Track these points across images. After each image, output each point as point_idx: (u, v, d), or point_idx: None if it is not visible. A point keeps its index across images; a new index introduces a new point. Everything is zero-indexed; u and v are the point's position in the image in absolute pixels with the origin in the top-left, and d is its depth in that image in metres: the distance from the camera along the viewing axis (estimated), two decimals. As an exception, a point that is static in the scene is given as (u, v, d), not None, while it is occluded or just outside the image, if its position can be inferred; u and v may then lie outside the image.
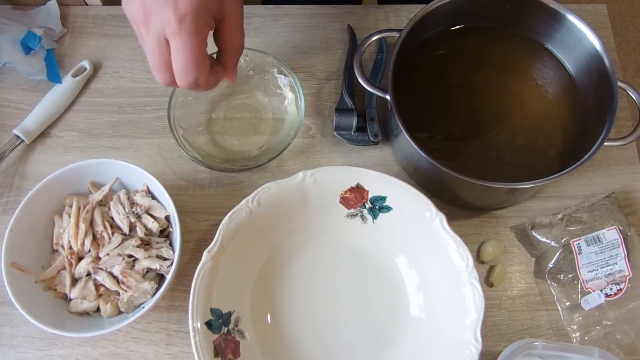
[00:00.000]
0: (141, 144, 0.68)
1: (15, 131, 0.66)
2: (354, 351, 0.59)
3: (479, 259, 0.63)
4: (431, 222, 0.57)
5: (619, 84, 0.59)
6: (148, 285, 0.57)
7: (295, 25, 0.74)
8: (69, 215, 0.59)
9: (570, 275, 0.61)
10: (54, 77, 0.69)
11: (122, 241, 0.58)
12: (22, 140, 0.66)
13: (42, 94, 0.69)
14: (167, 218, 0.60)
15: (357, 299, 0.61)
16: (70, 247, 0.58)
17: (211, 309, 0.56)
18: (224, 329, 0.56)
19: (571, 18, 0.61)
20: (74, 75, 0.69)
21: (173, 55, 0.47)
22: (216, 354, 0.55)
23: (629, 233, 0.61)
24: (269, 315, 0.60)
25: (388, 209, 0.60)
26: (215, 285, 0.56)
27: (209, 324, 0.55)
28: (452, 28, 0.67)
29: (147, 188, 0.61)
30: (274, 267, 0.61)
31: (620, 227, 0.61)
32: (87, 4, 0.75)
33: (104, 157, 0.65)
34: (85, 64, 0.70)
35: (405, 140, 0.58)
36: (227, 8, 0.49)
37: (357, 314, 0.60)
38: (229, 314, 0.57)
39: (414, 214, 0.59)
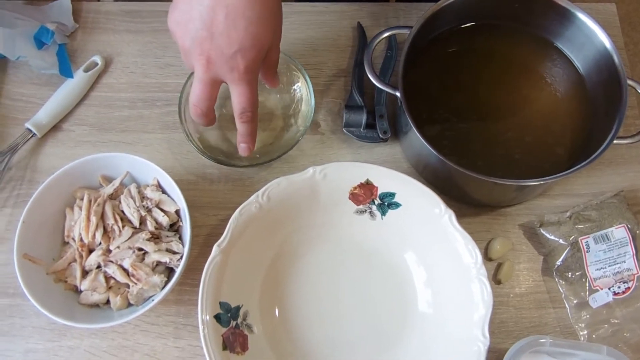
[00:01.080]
0: (151, 138, 0.69)
1: (27, 125, 0.67)
2: (362, 346, 0.59)
3: (487, 257, 0.64)
4: (440, 219, 0.58)
5: (629, 82, 0.59)
6: (157, 279, 0.57)
7: (305, 22, 0.74)
8: (80, 208, 0.59)
9: (578, 273, 0.61)
10: (66, 71, 0.69)
11: (133, 234, 0.59)
12: (34, 133, 0.67)
13: (54, 88, 0.69)
14: (177, 212, 0.61)
15: (366, 294, 0.61)
16: (81, 240, 0.59)
17: (220, 303, 0.56)
18: (233, 323, 0.57)
19: (581, 16, 0.61)
20: (86, 70, 0.70)
21: (234, 98, 0.53)
22: (224, 347, 0.55)
23: (637, 231, 0.61)
24: (277, 310, 0.60)
25: (397, 205, 0.61)
26: (225, 279, 0.57)
27: (217, 318, 0.56)
28: (462, 26, 0.67)
29: (158, 182, 0.61)
30: (283, 262, 0.62)
31: (629, 225, 0.61)
32: (99, 0, 0.75)
33: (114, 151, 0.66)
34: (97, 59, 0.71)
35: (414, 137, 0.58)
36: (273, 41, 0.54)
37: (365, 309, 0.61)
38: (238, 308, 0.58)
39: (422, 210, 0.59)
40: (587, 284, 0.60)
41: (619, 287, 0.60)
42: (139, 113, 0.70)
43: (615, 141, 0.57)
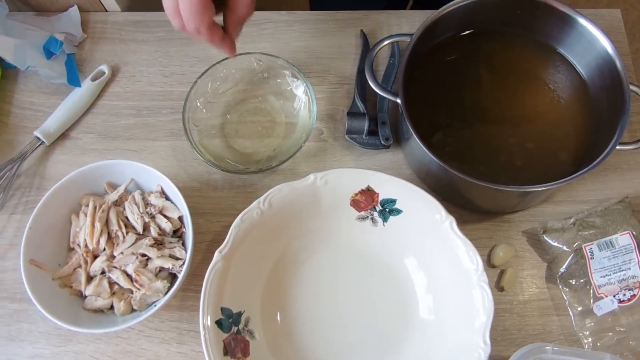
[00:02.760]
0: (157, 146, 0.70)
1: (36, 133, 0.68)
2: (362, 352, 0.59)
3: (489, 263, 0.63)
4: (441, 225, 0.58)
5: (631, 87, 0.58)
6: (160, 284, 0.58)
7: (308, 30, 0.75)
8: (86, 215, 0.60)
9: (582, 280, 0.60)
10: (74, 80, 0.71)
11: (136, 240, 0.59)
12: (43, 141, 0.68)
13: (62, 97, 0.71)
14: (180, 218, 0.62)
15: (367, 300, 0.61)
16: (86, 246, 0.60)
17: (222, 308, 0.57)
18: (234, 329, 0.57)
19: (582, 22, 0.61)
20: (93, 79, 0.71)
21: (180, 3, 0.50)
22: (225, 353, 0.55)
23: (642, 238, 0.61)
24: (278, 316, 0.61)
25: (398, 211, 0.61)
26: (226, 285, 0.57)
27: (219, 323, 0.56)
28: (464, 33, 0.67)
29: (162, 189, 0.62)
30: (284, 268, 0.62)
31: (634, 232, 0.60)
32: (106, 11, 0.77)
33: (120, 158, 0.67)
34: (104, 68, 0.72)
35: (416, 144, 0.58)
36: None
37: (366, 316, 0.61)
38: (239, 314, 0.58)
39: (424, 216, 0.59)
40: (591, 292, 0.60)
41: (624, 295, 0.59)
42: (144, 121, 0.71)
43: (618, 147, 0.57)
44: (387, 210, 0.61)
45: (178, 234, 0.62)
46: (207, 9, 0.50)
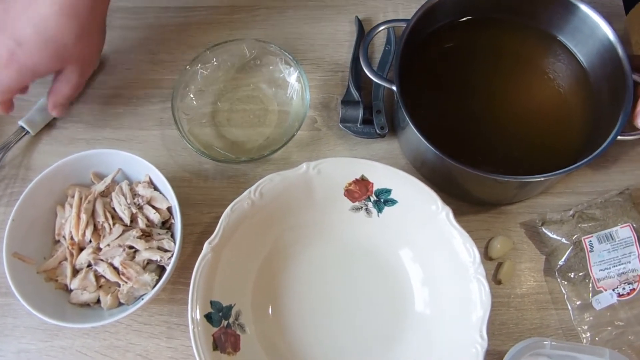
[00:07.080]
0: (146, 135, 0.68)
1: (21, 122, 0.66)
2: (356, 346, 0.58)
3: (487, 256, 0.62)
4: (437, 216, 0.56)
5: (634, 76, 0.57)
6: (148, 277, 0.57)
7: (302, 17, 0.73)
8: (71, 206, 0.59)
9: (581, 274, 0.59)
10: (61, 68, 0.69)
11: (123, 232, 0.58)
12: (28, 131, 0.66)
13: (48, 86, 0.68)
14: (169, 209, 0.60)
15: (361, 293, 0.60)
16: (72, 238, 0.58)
17: (211, 302, 0.55)
18: (224, 323, 0.56)
19: (584, 8, 0.59)
20: (80, 67, 0.69)
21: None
22: (215, 347, 0.54)
23: (643, 230, 0.59)
24: (270, 310, 0.59)
25: (393, 202, 0.59)
26: (216, 277, 0.56)
27: (208, 317, 0.54)
28: (462, 19, 0.66)
29: (150, 179, 0.60)
30: (276, 260, 0.60)
31: (634, 225, 0.59)
32: (94, -4, 0.75)
33: (109, 148, 0.65)
34: (92, 55, 0.70)
35: (411, 133, 0.57)
36: (68, 66, 0.60)
37: (360, 309, 0.59)
38: (230, 307, 0.57)
39: (419, 207, 0.57)
40: (590, 285, 0.58)
41: (624, 289, 0.58)
42: (133, 110, 0.69)
43: (619, 137, 0.55)
44: (382, 200, 0.59)
45: (167, 225, 0.61)
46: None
